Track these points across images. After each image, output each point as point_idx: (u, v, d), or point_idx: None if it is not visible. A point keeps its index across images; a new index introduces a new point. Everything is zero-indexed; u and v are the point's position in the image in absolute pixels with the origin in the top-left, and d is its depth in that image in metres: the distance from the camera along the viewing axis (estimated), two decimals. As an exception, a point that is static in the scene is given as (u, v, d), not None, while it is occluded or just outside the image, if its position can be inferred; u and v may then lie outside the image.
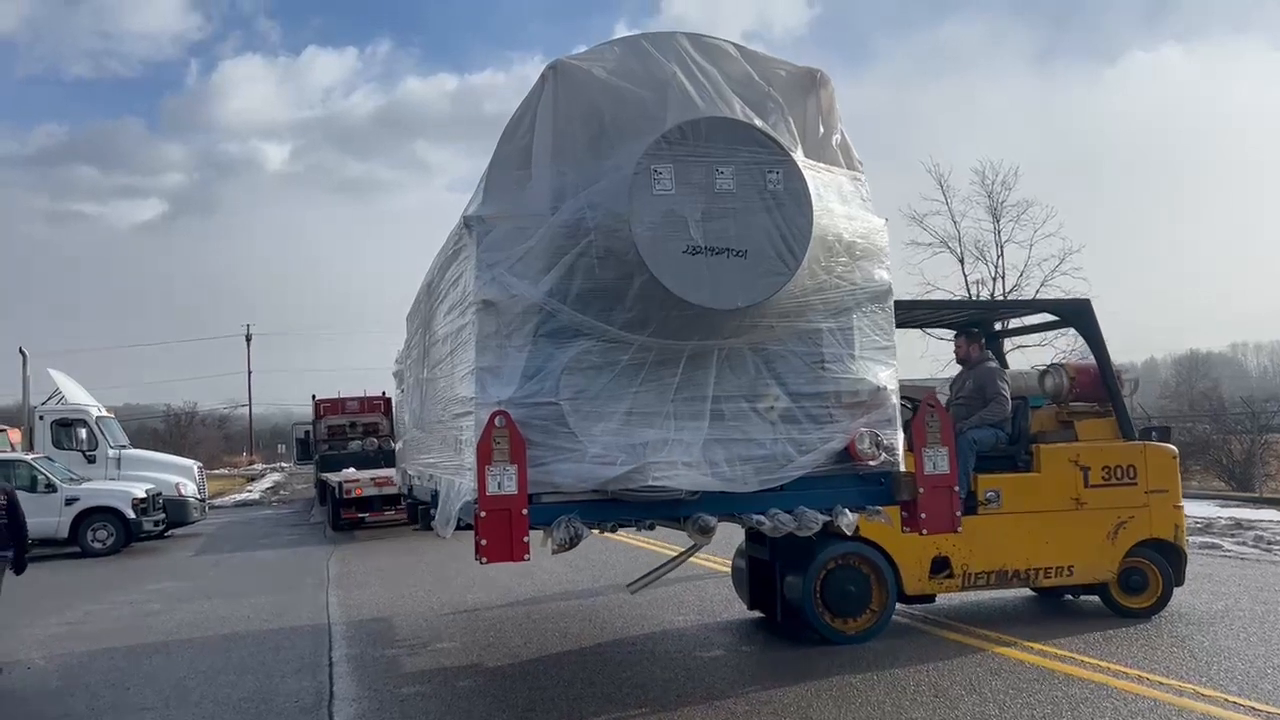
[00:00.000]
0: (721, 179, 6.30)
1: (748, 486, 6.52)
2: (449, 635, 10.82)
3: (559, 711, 7.69)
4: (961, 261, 35.92)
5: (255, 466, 54.44)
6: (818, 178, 6.68)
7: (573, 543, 6.24)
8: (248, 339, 66.95)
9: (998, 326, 12.66)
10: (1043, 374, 11.10)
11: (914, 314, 11.15)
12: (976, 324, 11.32)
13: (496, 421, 6.08)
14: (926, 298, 27.05)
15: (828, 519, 6.65)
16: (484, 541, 6.01)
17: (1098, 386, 10.70)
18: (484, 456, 6.03)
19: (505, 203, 6.52)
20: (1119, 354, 10.68)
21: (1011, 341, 31.74)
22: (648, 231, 6.17)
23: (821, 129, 6.89)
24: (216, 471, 50.03)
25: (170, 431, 57.56)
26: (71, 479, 21.65)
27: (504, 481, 6.04)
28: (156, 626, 12.33)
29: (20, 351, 25.21)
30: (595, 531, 6.52)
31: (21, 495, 19.43)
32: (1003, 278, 35.54)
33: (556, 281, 6.36)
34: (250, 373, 66.47)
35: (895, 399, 6.91)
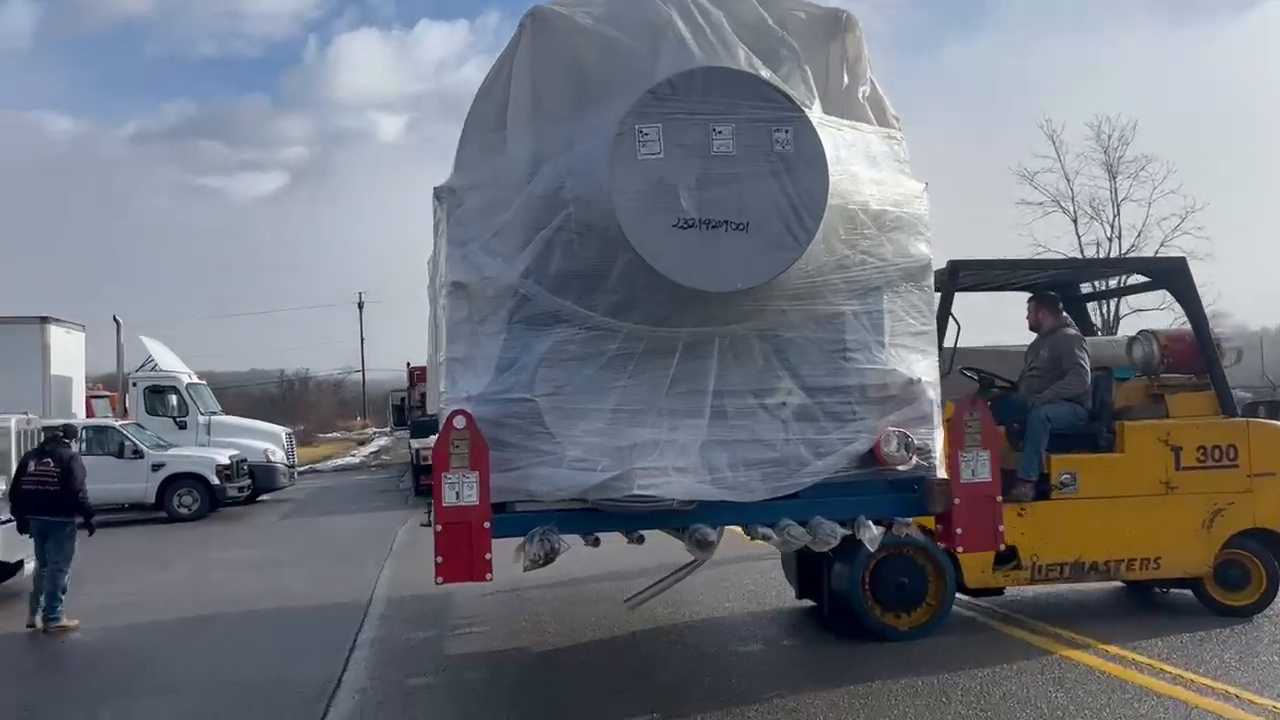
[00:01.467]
0: (719, 139, 5.31)
1: (753, 495, 5.55)
2: (484, 617, 10.08)
3: (565, 713, 6.89)
4: (1075, 221, 34.05)
5: (367, 431, 54.93)
6: (839, 136, 5.65)
7: (548, 559, 5.38)
8: (360, 306, 67.59)
9: (1085, 289, 11.24)
10: (1130, 342, 9.77)
11: (988, 275, 9.90)
12: (1058, 286, 10.02)
13: (455, 423, 5.22)
14: (1000, 257, 25.29)
15: (848, 532, 5.65)
16: (440, 559, 5.17)
17: (1194, 356, 9.34)
18: (440, 463, 5.19)
19: (479, 171, 5.65)
20: (1248, 319, 9.22)
21: (1128, 304, 29.79)
22: (631, 202, 5.24)
23: (846, 79, 5.83)
24: (329, 435, 50.55)
25: (284, 397, 58.35)
26: (159, 445, 21.55)
27: (463, 491, 5.20)
28: (206, 598, 11.95)
29: (114, 320, 25.27)
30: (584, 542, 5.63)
31: (109, 461, 19.83)
32: (1119, 238, 33.60)
33: (532, 260, 5.47)
34: (363, 339, 67.10)
35: (933, 392, 5.86)
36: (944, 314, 8.66)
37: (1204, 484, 8.83)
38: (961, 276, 8.91)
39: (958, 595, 8.92)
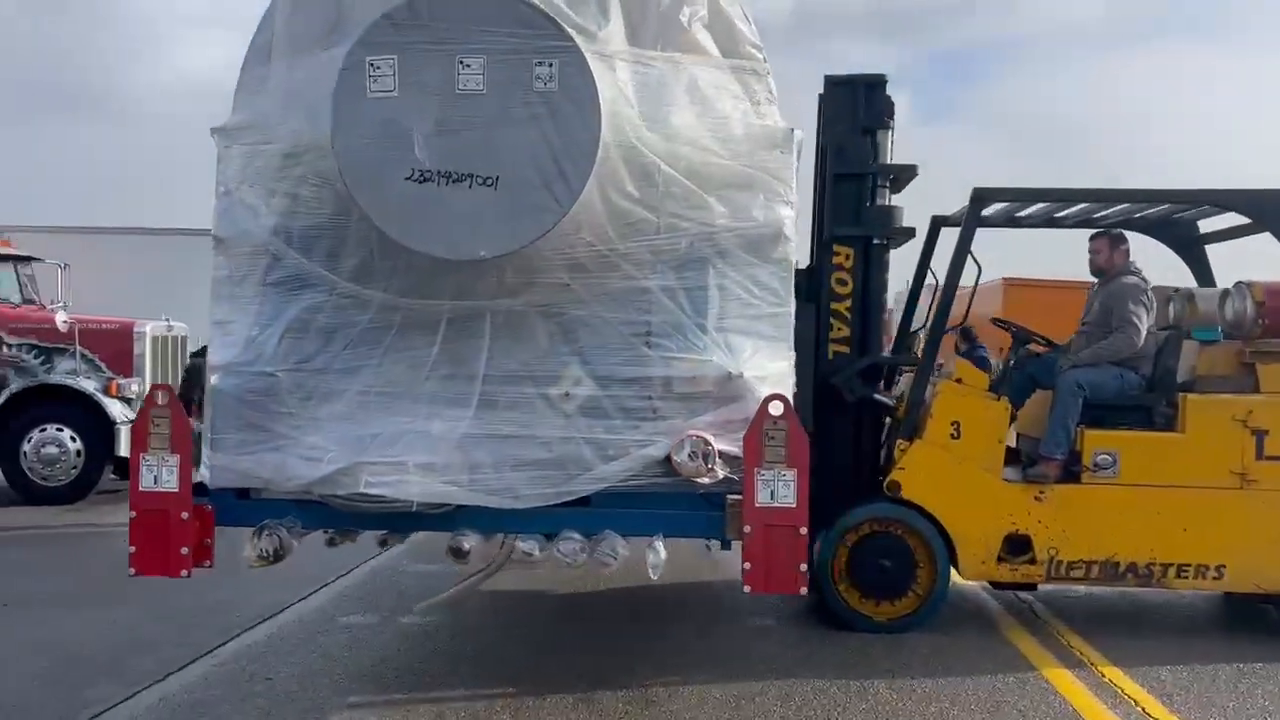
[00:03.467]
0: (467, 75, 4.16)
1: (517, 501, 4.44)
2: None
3: (443, 677, 6.03)
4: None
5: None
6: (643, 72, 4.35)
7: (277, 556, 4.53)
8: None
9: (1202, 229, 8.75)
10: (1224, 295, 7.60)
11: (1024, 208, 7.88)
12: (1169, 224, 7.87)
13: (157, 398, 4.44)
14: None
15: (627, 553, 4.47)
16: (133, 549, 4.43)
17: None
18: (138, 442, 4.41)
19: (246, 111, 4.76)
20: None
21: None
22: (356, 149, 4.22)
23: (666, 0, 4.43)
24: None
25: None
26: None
27: (162, 475, 4.41)
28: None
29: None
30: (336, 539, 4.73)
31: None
32: None
33: (281, 215, 4.59)
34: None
35: (766, 389, 4.46)
36: (962, 253, 7.01)
37: None
38: (988, 210, 7.14)
39: (988, 585, 7.41)
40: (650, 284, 4.45)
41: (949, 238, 7.79)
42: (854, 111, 7.12)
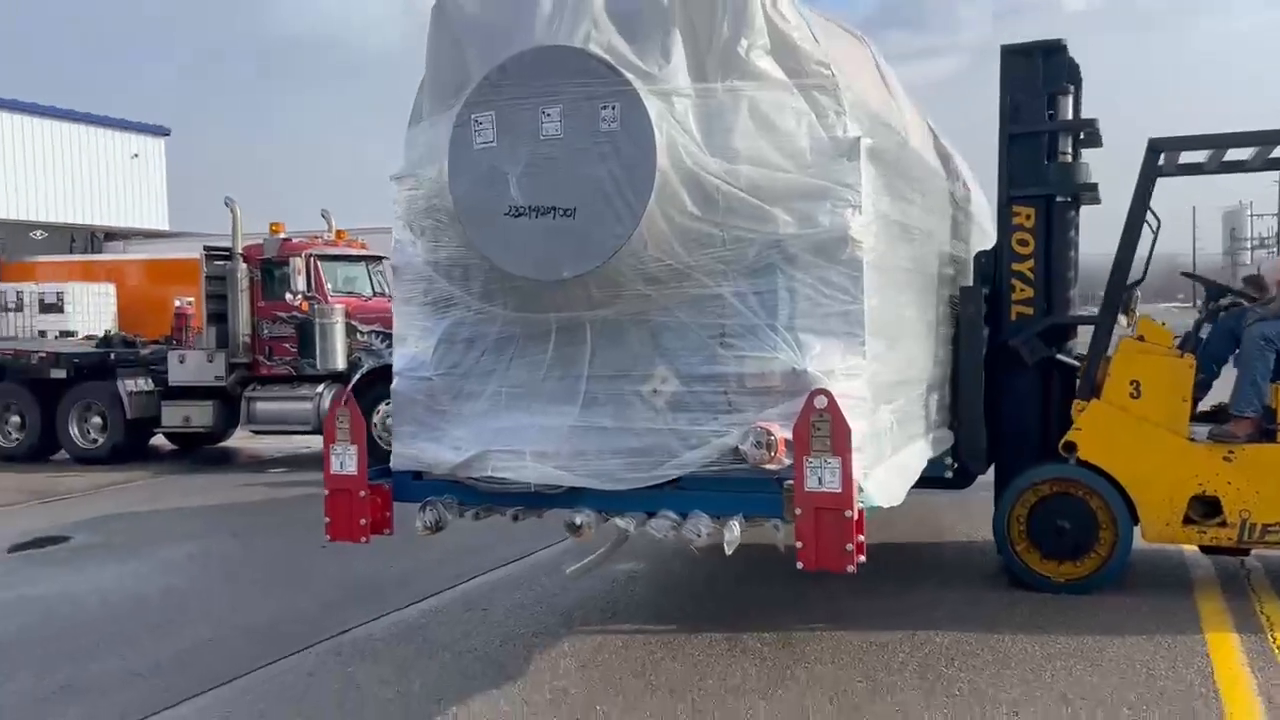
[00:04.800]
0: (548, 122, 4.77)
1: (617, 484, 5.03)
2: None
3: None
4: None
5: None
6: (705, 104, 4.75)
7: (438, 526, 5.42)
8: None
9: None
10: None
11: (1207, 154, 7.23)
12: None
13: (340, 401, 5.43)
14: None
15: (711, 530, 4.93)
16: (328, 519, 5.47)
17: None
18: (328, 435, 5.44)
19: (410, 160, 5.62)
20: None
21: None
22: (467, 194, 5.00)
23: (726, 32, 4.75)
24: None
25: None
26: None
27: (345, 461, 5.43)
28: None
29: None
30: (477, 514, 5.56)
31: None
32: None
33: (431, 247, 5.46)
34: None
35: (831, 383, 4.71)
36: (1141, 207, 6.71)
37: None
38: (1165, 160, 6.75)
39: (1199, 549, 7.21)
40: (722, 291, 4.85)
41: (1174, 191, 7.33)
42: (1032, 78, 7.05)
